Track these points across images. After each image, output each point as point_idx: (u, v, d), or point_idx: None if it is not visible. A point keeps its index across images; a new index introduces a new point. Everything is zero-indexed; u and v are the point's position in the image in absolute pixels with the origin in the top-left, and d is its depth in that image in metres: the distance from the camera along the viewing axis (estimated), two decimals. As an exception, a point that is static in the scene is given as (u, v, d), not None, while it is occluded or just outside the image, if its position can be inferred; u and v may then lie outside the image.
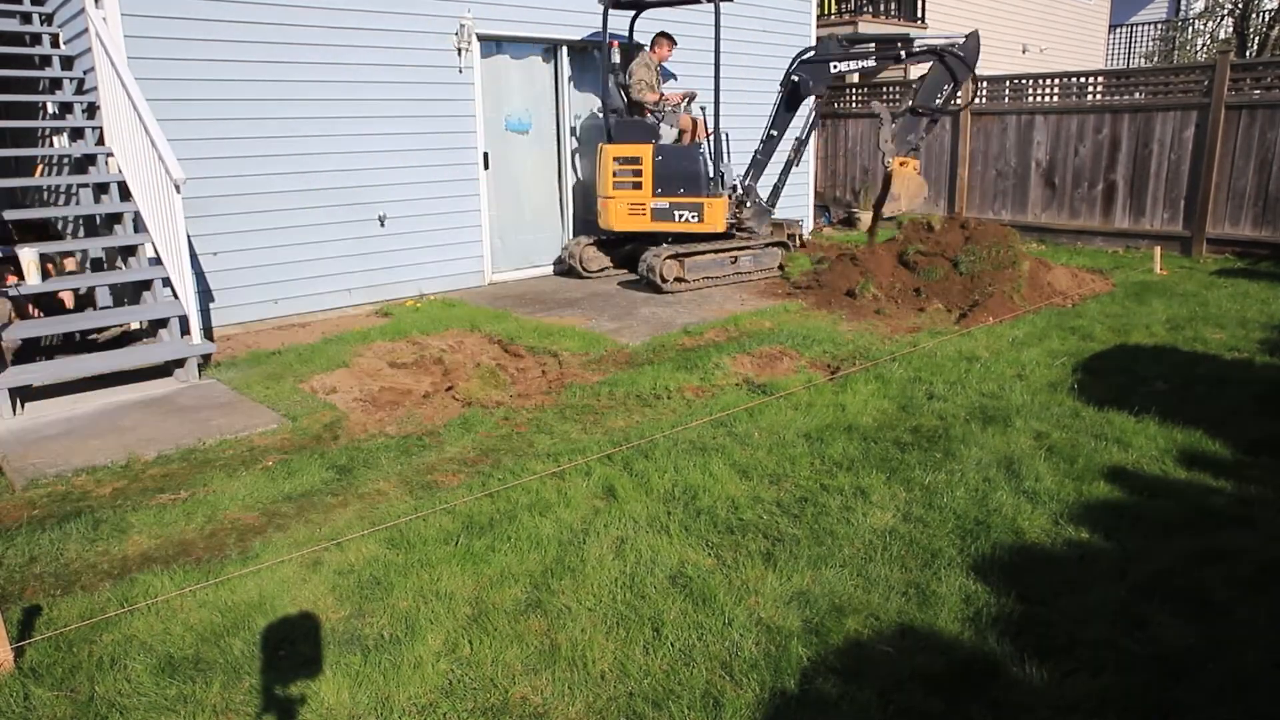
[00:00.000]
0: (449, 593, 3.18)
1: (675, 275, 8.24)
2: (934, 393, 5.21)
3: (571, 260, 8.94)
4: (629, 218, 8.45)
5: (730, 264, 8.65)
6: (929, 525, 3.61)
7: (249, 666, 2.80)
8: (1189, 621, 2.88)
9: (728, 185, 8.45)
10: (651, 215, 8.37)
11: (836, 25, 13.43)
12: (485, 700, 2.62)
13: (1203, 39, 19.63)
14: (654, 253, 8.13)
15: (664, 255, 8.09)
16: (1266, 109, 9.13)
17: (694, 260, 8.35)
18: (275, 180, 7.12)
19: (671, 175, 8.27)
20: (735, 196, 8.52)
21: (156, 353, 5.83)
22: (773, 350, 6.21)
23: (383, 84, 7.60)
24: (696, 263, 8.37)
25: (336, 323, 7.40)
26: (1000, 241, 7.59)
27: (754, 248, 8.82)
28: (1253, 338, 6.25)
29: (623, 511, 3.78)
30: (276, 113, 7.05)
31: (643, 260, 8.20)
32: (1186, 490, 3.87)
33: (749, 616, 2.99)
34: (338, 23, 7.26)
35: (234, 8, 6.73)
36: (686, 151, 8.39)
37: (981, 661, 2.72)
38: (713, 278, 8.52)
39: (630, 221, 8.47)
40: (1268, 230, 9.31)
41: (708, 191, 8.25)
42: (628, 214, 8.43)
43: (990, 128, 11.33)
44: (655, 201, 8.33)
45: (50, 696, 2.68)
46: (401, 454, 4.57)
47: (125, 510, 3.93)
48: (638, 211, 8.40)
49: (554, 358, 6.21)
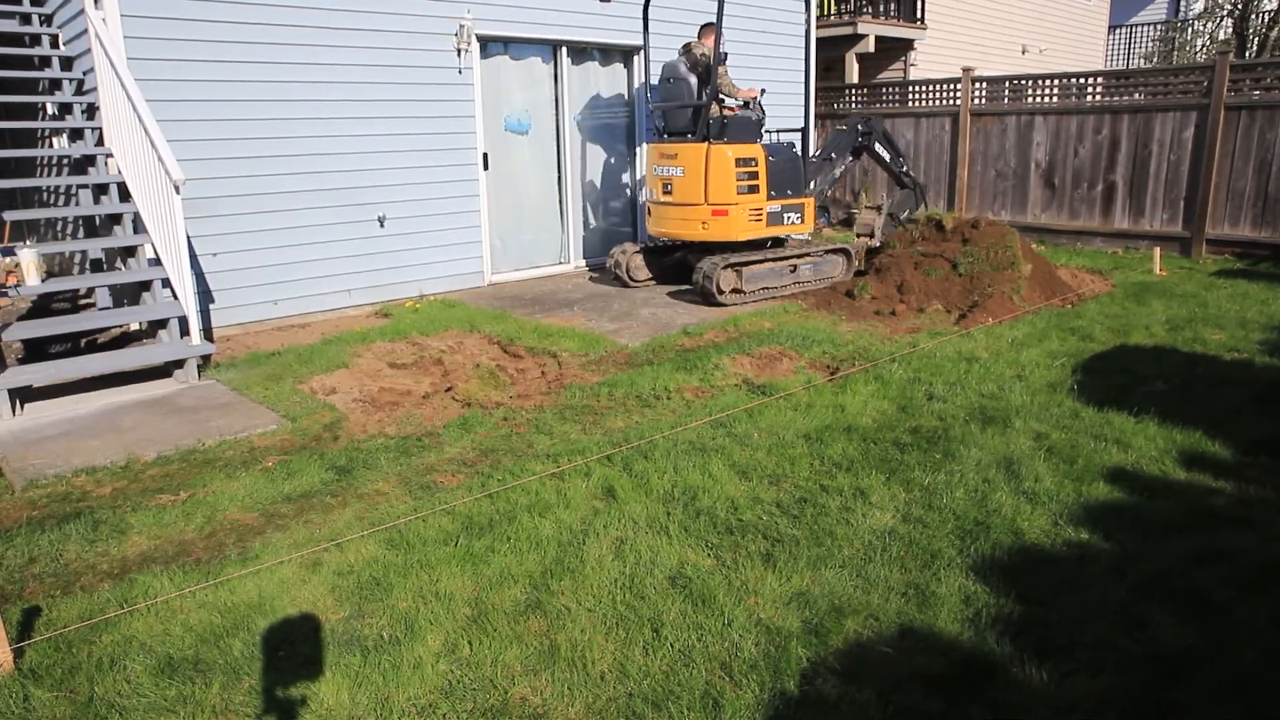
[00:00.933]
0: (449, 593, 3.18)
1: (732, 286, 7.70)
2: (934, 393, 5.21)
3: (619, 270, 8.51)
4: (750, 225, 7.78)
5: (789, 273, 8.14)
6: (928, 526, 3.61)
7: (248, 667, 2.80)
8: (1188, 621, 2.89)
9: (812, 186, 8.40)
10: (767, 220, 7.90)
11: (836, 26, 13.44)
12: (485, 701, 2.62)
13: (1202, 39, 19.63)
14: (711, 261, 7.61)
15: (721, 264, 7.56)
16: (1266, 109, 9.14)
17: (752, 270, 7.80)
18: (275, 181, 7.12)
19: (781, 176, 7.93)
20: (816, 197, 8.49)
21: (156, 353, 5.83)
22: (772, 351, 6.21)
23: (382, 84, 7.60)
24: (755, 272, 7.83)
25: (336, 323, 7.40)
26: (1000, 241, 7.59)
27: (814, 255, 8.34)
28: (1252, 338, 6.26)
29: (622, 512, 3.78)
30: (276, 113, 7.05)
31: (698, 269, 7.65)
32: (1186, 490, 3.87)
33: (748, 617, 2.99)
34: (337, 23, 7.26)
35: (233, 8, 6.73)
36: (786, 150, 8.14)
37: (981, 662, 2.72)
38: (771, 288, 8.00)
39: (752, 229, 7.81)
40: (1267, 231, 9.32)
41: (804, 192, 8.13)
42: (749, 221, 7.76)
43: (990, 128, 11.33)
44: (770, 205, 7.88)
45: (50, 697, 2.68)
46: (401, 455, 4.57)
47: (125, 511, 3.92)
48: (757, 218, 7.81)
49: (553, 358, 6.21)
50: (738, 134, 7.77)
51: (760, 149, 7.82)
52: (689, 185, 7.80)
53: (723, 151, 7.63)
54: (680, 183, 7.88)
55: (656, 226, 8.29)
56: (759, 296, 7.90)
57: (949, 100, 11.70)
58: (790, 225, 8.08)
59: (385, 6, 7.52)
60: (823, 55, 12.63)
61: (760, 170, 7.79)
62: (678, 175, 7.89)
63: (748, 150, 7.75)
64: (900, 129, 12.09)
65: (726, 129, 7.72)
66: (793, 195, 8.02)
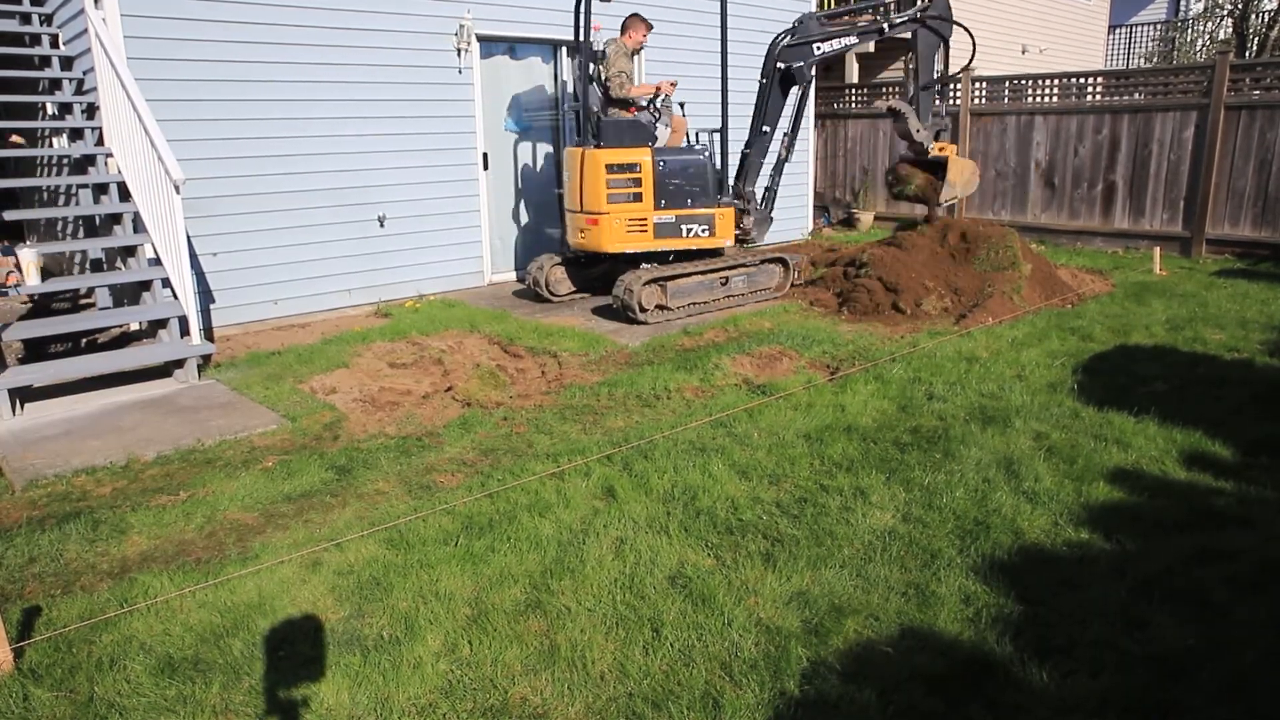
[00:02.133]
0: (448, 593, 3.18)
1: (656, 303, 7.14)
2: (934, 393, 5.21)
3: (538, 286, 7.88)
4: (628, 236, 7.22)
5: (720, 286, 7.61)
6: (928, 526, 3.61)
7: (248, 667, 2.80)
8: (1188, 621, 2.89)
9: (732, 192, 7.71)
10: (655, 232, 7.29)
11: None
12: (485, 700, 2.62)
13: (1202, 39, 19.63)
14: (632, 277, 7.02)
15: (642, 280, 6.99)
16: (1266, 109, 9.13)
17: (678, 285, 7.26)
18: (275, 180, 7.12)
19: (677, 184, 7.29)
20: (738, 205, 7.71)
21: (156, 353, 5.83)
22: (772, 351, 6.21)
23: (382, 84, 7.60)
24: (681, 287, 7.28)
25: (336, 323, 7.40)
26: (1000, 242, 7.58)
27: (748, 266, 7.78)
28: (1252, 338, 6.25)
29: (622, 512, 3.78)
30: (276, 113, 7.05)
31: (618, 285, 7.07)
32: (1186, 490, 3.87)
33: (748, 617, 2.99)
34: (337, 23, 7.26)
35: (233, 8, 6.73)
36: (691, 155, 7.42)
37: (981, 662, 2.72)
38: (700, 303, 7.49)
39: (630, 240, 7.23)
40: (1267, 231, 9.32)
41: (717, 201, 7.46)
42: (626, 232, 7.20)
43: (990, 128, 11.33)
44: (659, 215, 7.27)
45: (50, 697, 2.68)
46: (401, 454, 4.57)
47: (125, 511, 3.93)
48: (638, 229, 7.23)
49: (553, 358, 6.21)
50: (618, 137, 7.22)
51: (646, 153, 7.19)
52: (573, 191, 7.48)
53: (595, 156, 7.15)
54: (570, 189, 7.57)
55: (570, 237, 7.78)
56: (688, 312, 7.40)
57: (949, 100, 11.68)
58: (692, 238, 7.39)
59: (386, 6, 7.52)
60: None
61: (645, 177, 7.16)
62: (568, 181, 7.59)
63: (627, 155, 7.15)
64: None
65: (604, 132, 7.23)
66: (694, 205, 7.35)
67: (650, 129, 7.45)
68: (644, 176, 7.21)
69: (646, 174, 7.21)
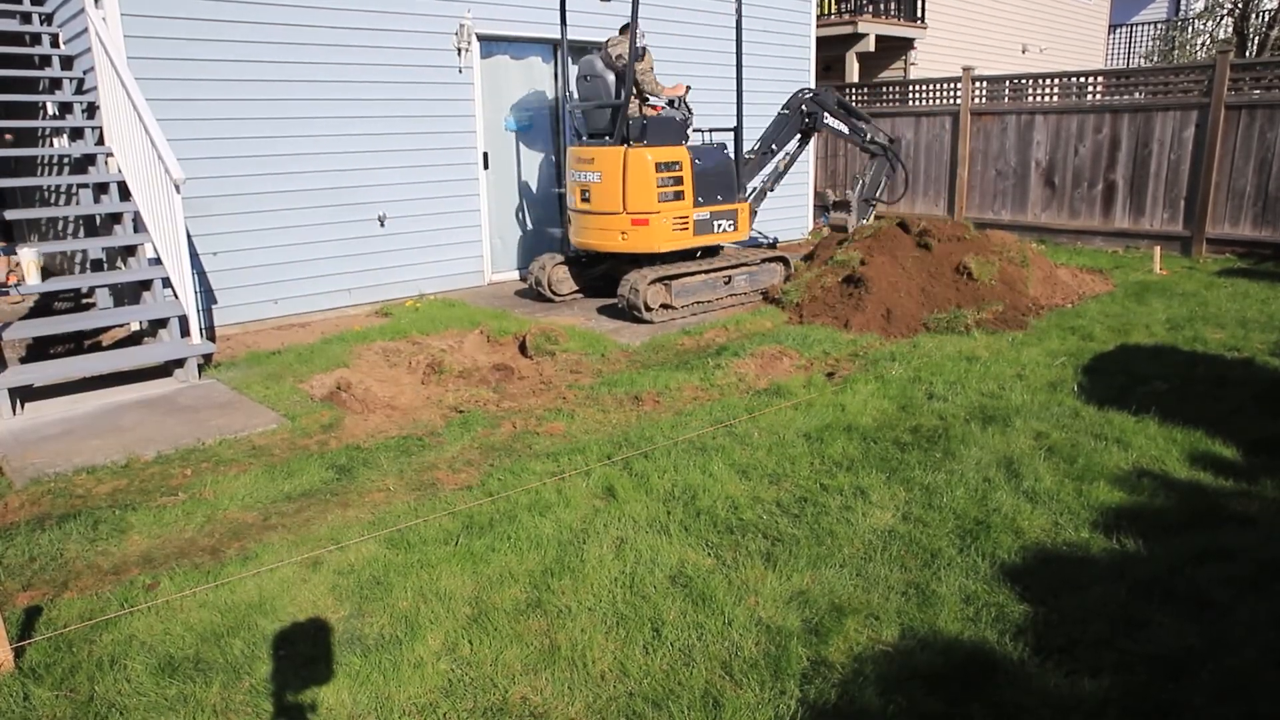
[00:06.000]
0: (449, 593, 3.18)
1: (661, 302, 7.21)
2: (934, 393, 5.21)
3: (539, 286, 7.87)
4: (674, 235, 7.19)
5: (724, 285, 7.70)
6: (929, 525, 3.61)
7: (249, 666, 2.80)
8: (1189, 621, 2.88)
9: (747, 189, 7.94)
10: (694, 229, 7.33)
11: (836, 25, 13.43)
12: (485, 700, 2.62)
13: (1202, 39, 19.62)
14: (637, 275, 7.03)
15: (649, 278, 7.02)
16: (1266, 109, 9.13)
17: (682, 283, 7.32)
18: (275, 180, 7.12)
19: (710, 181, 7.42)
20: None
21: (156, 353, 5.83)
22: (773, 350, 6.21)
23: (383, 84, 7.60)
24: (685, 286, 7.34)
25: (336, 323, 7.40)
26: (1004, 250, 7.54)
27: (750, 265, 7.90)
28: (1253, 338, 6.25)
29: (622, 511, 3.78)
30: (276, 112, 7.05)
31: (623, 284, 7.08)
32: (1187, 490, 3.87)
33: (749, 616, 2.99)
34: (338, 22, 7.26)
35: (234, 8, 6.73)
36: (716, 153, 7.62)
37: (981, 661, 2.72)
38: (704, 302, 7.57)
39: (676, 239, 7.21)
40: (1267, 230, 9.32)
41: (738, 197, 7.67)
42: (673, 231, 7.17)
43: (990, 127, 11.33)
44: (698, 213, 7.33)
45: (50, 696, 2.68)
46: (401, 454, 4.57)
47: (125, 510, 3.93)
48: (681, 226, 7.23)
49: (554, 358, 6.21)
50: (659, 136, 7.18)
51: (685, 151, 7.26)
52: (607, 192, 7.17)
53: (642, 155, 6.99)
54: (598, 189, 7.24)
55: (576, 237, 7.72)
56: (692, 311, 7.44)
57: (949, 99, 11.70)
58: (721, 234, 7.56)
59: (387, 6, 7.52)
60: (823, 54, 12.61)
61: (685, 175, 7.23)
62: (595, 181, 7.26)
63: (670, 153, 7.15)
64: (900, 128, 12.09)
65: (647, 130, 7.14)
66: (723, 201, 7.52)
67: (685, 126, 7.51)
68: (684, 174, 7.28)
69: (686, 172, 7.28)
